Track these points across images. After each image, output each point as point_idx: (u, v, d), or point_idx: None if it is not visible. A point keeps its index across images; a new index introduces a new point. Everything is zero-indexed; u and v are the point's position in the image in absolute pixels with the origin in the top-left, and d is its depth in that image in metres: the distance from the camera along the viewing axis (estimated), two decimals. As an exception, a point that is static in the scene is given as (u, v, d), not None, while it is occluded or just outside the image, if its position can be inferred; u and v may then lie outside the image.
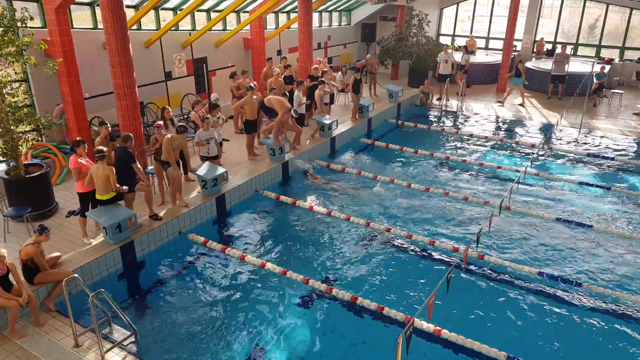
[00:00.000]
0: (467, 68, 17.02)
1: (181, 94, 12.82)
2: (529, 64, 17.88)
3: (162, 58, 12.26)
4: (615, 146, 12.71)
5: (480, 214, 9.06)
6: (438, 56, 16.35)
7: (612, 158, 11.87)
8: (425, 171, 11.09)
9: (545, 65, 17.32)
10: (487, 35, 20.62)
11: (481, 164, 11.44)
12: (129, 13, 10.62)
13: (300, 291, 6.99)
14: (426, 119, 15.12)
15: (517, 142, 12.95)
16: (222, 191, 9.07)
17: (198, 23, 13.47)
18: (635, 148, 12.65)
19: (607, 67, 16.33)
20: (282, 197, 9.56)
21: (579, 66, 16.94)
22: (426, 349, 5.97)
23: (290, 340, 6.14)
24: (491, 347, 5.78)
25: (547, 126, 14.11)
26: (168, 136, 8.18)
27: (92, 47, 10.49)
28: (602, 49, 18.67)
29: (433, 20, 19.32)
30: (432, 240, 8.12)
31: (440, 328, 6.06)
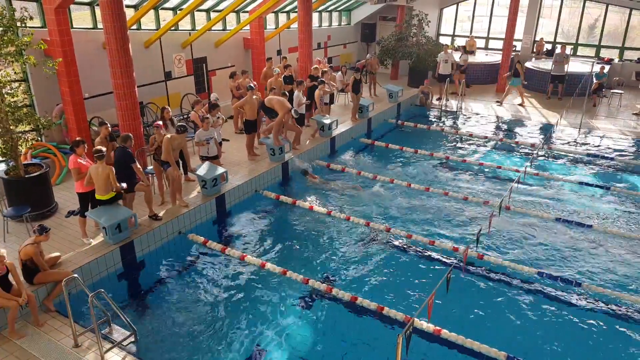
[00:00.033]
0: (466, 68, 17.03)
1: (181, 94, 12.82)
2: (529, 64, 17.89)
3: (162, 58, 12.26)
4: (614, 146, 12.72)
5: (480, 214, 9.07)
6: (438, 56, 16.37)
7: (612, 158, 11.87)
8: (425, 171, 11.09)
9: (545, 65, 17.32)
10: (487, 35, 20.62)
11: (481, 164, 11.45)
12: (129, 13, 10.61)
13: (300, 291, 6.99)
14: (426, 119, 15.12)
15: (517, 142, 12.95)
16: (222, 191, 9.07)
17: (198, 23, 13.47)
18: (634, 148, 12.66)
19: (607, 67, 16.34)
20: (282, 197, 9.56)
21: (579, 66, 16.94)
22: (426, 349, 5.97)
23: (290, 340, 6.13)
24: (491, 347, 5.79)
25: (547, 126, 14.11)
26: (168, 136, 8.18)
27: (92, 47, 10.49)
28: (602, 49, 18.67)
29: (433, 20, 19.32)
30: (432, 240, 8.12)
31: (440, 328, 6.07)
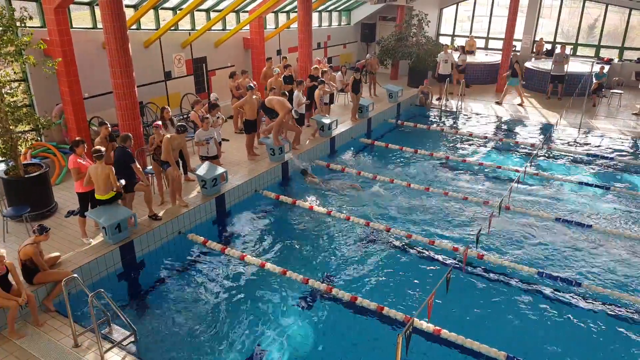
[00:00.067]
0: (464, 68, 17.05)
1: (181, 94, 12.81)
2: (529, 64, 17.90)
3: (162, 58, 12.25)
4: (614, 146, 12.72)
5: (479, 214, 9.07)
6: (438, 56, 16.38)
7: (612, 158, 11.88)
8: (424, 171, 11.08)
9: (544, 65, 17.32)
10: (487, 35, 20.63)
11: (481, 164, 11.45)
12: (129, 13, 10.60)
13: (300, 291, 6.99)
14: (426, 119, 15.12)
15: (517, 142, 12.95)
16: (222, 191, 9.07)
17: (197, 23, 13.47)
18: (634, 148, 12.67)
19: (607, 67, 16.34)
20: (282, 197, 9.56)
21: (579, 66, 16.94)
22: (426, 349, 5.97)
23: (290, 340, 6.13)
24: (491, 347, 5.79)
25: (547, 126, 14.12)
26: (167, 136, 8.18)
27: (92, 47, 10.49)
28: (602, 49, 18.68)
29: (433, 20, 19.32)
30: (432, 240, 8.12)
31: (440, 328, 6.07)
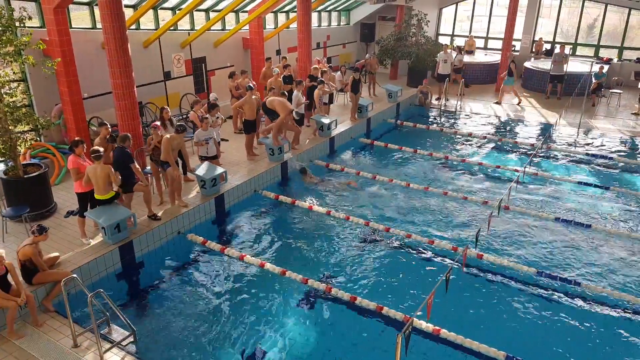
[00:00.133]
0: (461, 68, 17.07)
1: (180, 94, 12.81)
2: (528, 64, 17.91)
3: (161, 58, 12.25)
4: (613, 146, 12.72)
5: (479, 214, 9.07)
6: (437, 56, 16.38)
7: (611, 158, 11.88)
8: (424, 171, 11.09)
9: (544, 65, 17.33)
10: (486, 35, 20.63)
11: (480, 164, 11.45)
12: (128, 13, 10.59)
13: (299, 291, 6.99)
14: (425, 119, 15.13)
15: (516, 142, 12.95)
16: (221, 191, 9.07)
17: (197, 23, 13.46)
18: (633, 147, 12.67)
19: (606, 67, 16.34)
20: (281, 197, 9.55)
21: (578, 66, 16.94)
22: (425, 349, 5.97)
23: (289, 340, 6.13)
24: (490, 347, 5.79)
25: (546, 126, 14.12)
26: (167, 136, 8.17)
27: (91, 47, 10.48)
28: (601, 49, 18.69)
29: (432, 20, 19.32)
30: (431, 240, 8.13)
31: (439, 328, 6.07)
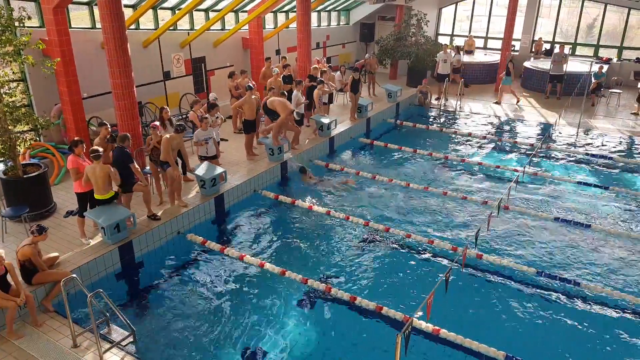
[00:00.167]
0: (459, 68, 17.09)
1: (179, 94, 12.81)
2: (528, 64, 17.93)
3: (161, 57, 12.25)
4: (613, 146, 12.73)
5: (479, 214, 9.07)
6: (437, 56, 16.39)
7: (610, 157, 11.88)
8: (423, 171, 11.09)
9: (543, 65, 17.33)
10: (486, 35, 20.64)
11: (480, 164, 11.45)
12: (127, 12, 10.58)
13: (299, 291, 6.98)
14: (425, 119, 15.13)
15: (516, 142, 12.95)
16: (221, 191, 9.06)
17: (196, 22, 13.46)
18: (633, 147, 12.67)
19: (605, 67, 16.36)
20: (281, 197, 9.55)
21: (577, 66, 16.95)
22: (425, 349, 5.97)
23: (289, 340, 6.12)
24: (490, 347, 5.79)
25: (546, 126, 14.13)
26: (167, 136, 8.17)
27: (90, 47, 10.48)
28: (600, 49, 18.70)
29: (432, 20, 19.32)
30: (431, 239, 8.12)
31: (439, 327, 6.06)
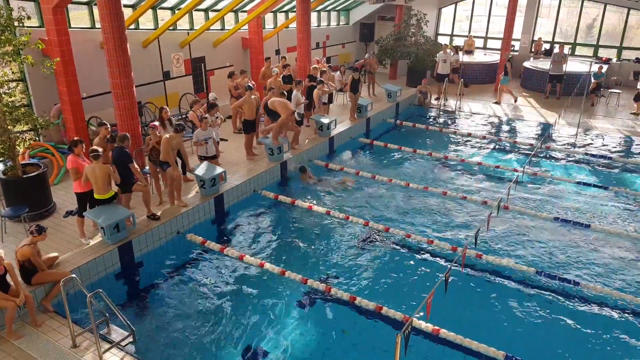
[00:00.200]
0: (458, 68, 17.12)
1: (179, 94, 12.80)
2: (527, 64, 17.95)
3: (160, 57, 12.24)
4: (612, 145, 12.74)
5: (478, 214, 9.07)
6: (436, 56, 16.39)
7: (610, 157, 11.89)
8: (423, 171, 11.09)
9: (543, 65, 17.34)
10: (485, 35, 20.65)
11: (479, 164, 11.45)
12: (127, 12, 10.57)
13: (299, 291, 6.98)
14: (424, 119, 15.13)
15: (515, 142, 12.95)
16: (221, 191, 9.06)
17: (196, 22, 13.45)
18: (632, 147, 12.68)
19: (605, 67, 16.38)
20: (281, 197, 9.55)
21: (577, 66, 16.95)
22: (425, 349, 5.97)
23: (289, 340, 6.12)
24: (490, 347, 5.78)
25: (545, 126, 14.13)
26: (166, 136, 8.17)
27: (90, 47, 10.47)
28: (600, 49, 18.71)
29: (431, 20, 19.33)
30: (431, 239, 8.12)
31: (438, 327, 6.06)
